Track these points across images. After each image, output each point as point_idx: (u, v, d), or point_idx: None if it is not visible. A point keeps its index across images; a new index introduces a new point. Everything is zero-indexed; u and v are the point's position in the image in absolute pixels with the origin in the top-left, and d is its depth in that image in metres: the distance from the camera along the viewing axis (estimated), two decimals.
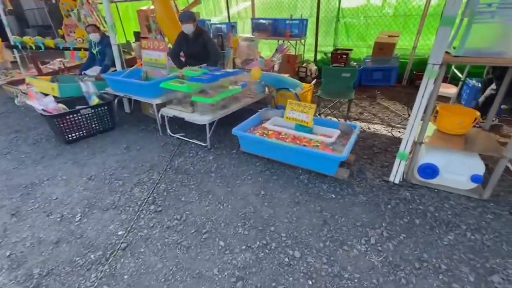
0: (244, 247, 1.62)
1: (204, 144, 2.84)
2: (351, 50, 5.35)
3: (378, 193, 2.08)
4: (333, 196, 2.06)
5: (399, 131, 3.21)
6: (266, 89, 3.54)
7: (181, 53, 3.83)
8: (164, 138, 3.07)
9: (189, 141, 2.95)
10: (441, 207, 1.93)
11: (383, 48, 4.79)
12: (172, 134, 3.07)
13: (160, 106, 3.03)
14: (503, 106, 3.35)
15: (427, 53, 5.04)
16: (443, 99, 4.16)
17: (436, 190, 2.11)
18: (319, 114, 3.69)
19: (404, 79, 5.07)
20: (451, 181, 2.06)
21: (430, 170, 2.05)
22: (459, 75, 4.21)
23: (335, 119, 3.52)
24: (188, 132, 3.14)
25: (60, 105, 2.99)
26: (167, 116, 2.96)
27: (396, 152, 2.60)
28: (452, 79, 4.43)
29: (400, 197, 2.04)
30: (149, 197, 2.08)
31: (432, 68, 1.75)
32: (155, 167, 2.50)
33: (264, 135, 2.59)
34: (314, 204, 1.98)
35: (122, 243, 1.65)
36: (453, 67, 4.51)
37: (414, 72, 4.83)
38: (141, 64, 3.49)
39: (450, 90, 3.79)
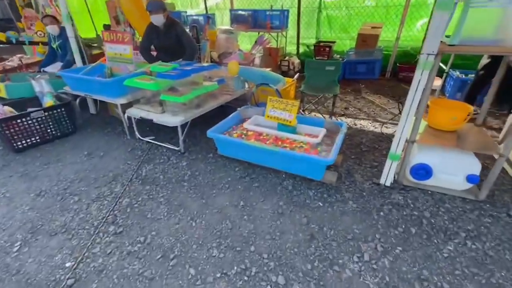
0: (219, 275, 1.37)
1: (177, 148, 2.54)
2: (334, 42, 5.16)
3: (369, 198, 1.89)
4: (321, 204, 1.85)
5: (386, 127, 3.05)
6: (246, 85, 3.28)
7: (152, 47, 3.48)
8: (132, 142, 2.74)
9: (161, 145, 2.64)
10: (437, 211, 1.77)
11: (366, 40, 4.62)
12: (141, 138, 2.74)
13: (126, 106, 2.70)
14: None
15: (409, 45, 4.95)
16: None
17: (429, 192, 1.95)
18: (303, 111, 3.47)
19: (388, 72, 4.95)
20: (445, 182, 1.90)
21: (423, 171, 1.88)
22: (443, 66, 4.14)
23: (320, 116, 3.32)
24: (160, 135, 2.82)
25: (6, 107, 2.58)
26: (134, 118, 2.63)
27: (385, 150, 2.43)
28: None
29: (392, 201, 1.86)
30: (108, 216, 1.77)
31: (426, 59, 1.55)
32: (119, 177, 2.18)
33: (243, 136, 2.34)
34: (300, 215, 1.75)
35: (68, 279, 1.35)
36: None
37: (398, 64, 4.71)
38: (106, 60, 3.11)
39: (435, 82, 3.68)
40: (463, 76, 3.71)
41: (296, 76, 3.60)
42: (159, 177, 2.17)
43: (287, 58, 5.25)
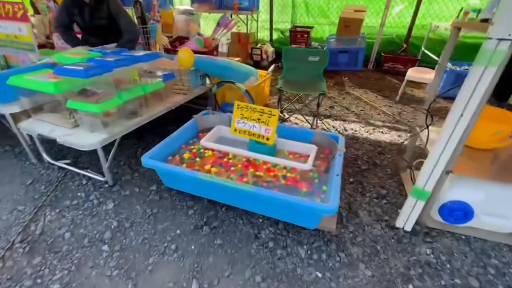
0: None
1: (102, 179, 1.72)
2: (312, 27, 4.50)
3: (386, 256, 1.28)
4: (319, 274, 1.20)
5: (381, 132, 2.49)
6: (208, 81, 2.50)
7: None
8: (36, 168, 1.86)
9: (80, 173, 1.80)
10: (485, 274, 1.21)
11: (349, 25, 4.02)
12: (51, 161, 1.87)
13: (25, 115, 1.80)
14: None
15: (394, 32, 4.45)
16: (415, 85, 3.61)
17: (463, 237, 1.39)
18: (281, 112, 2.79)
19: (371, 62, 4.43)
20: (486, 224, 1.35)
21: (460, 213, 1.31)
22: (434, 57, 3.68)
23: (301, 119, 2.67)
24: (82, 156, 1.97)
25: None
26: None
27: (389, 168, 1.85)
28: (424, 62, 3.91)
29: (420, 260, 1.27)
30: None
31: (495, 47, 0.93)
32: None
33: (198, 159, 1.59)
34: None
35: None
36: (423, 48, 3.99)
37: (382, 54, 4.20)
38: None
39: (427, 74, 3.20)
40: (458, 69, 3.27)
41: (271, 68, 2.88)
42: (63, 235, 1.36)
43: (259, 45, 4.49)
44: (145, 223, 1.44)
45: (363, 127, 2.60)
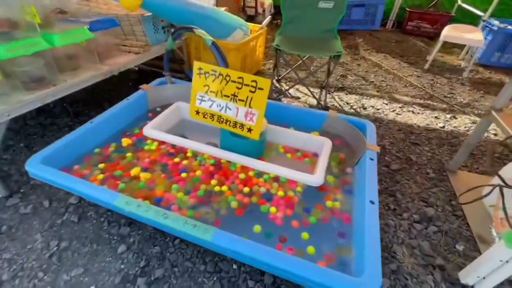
0: None
1: None
2: None
3: None
4: None
5: (411, 111, 1.84)
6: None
7: None
8: None
9: None
10: None
11: None
12: None
13: None
14: None
15: None
16: (446, 50, 2.86)
17: None
18: (277, 81, 2.10)
19: (390, 21, 3.61)
20: None
21: None
22: (475, 12, 2.87)
23: (305, 91, 1.99)
24: None
25: None
26: None
27: (428, 165, 1.26)
28: (457, 21, 3.11)
29: None
30: None
31: None
32: None
33: (128, 156, 0.97)
34: None
35: None
36: (459, 1, 3.16)
37: (407, 9, 3.36)
38: None
39: (469, 34, 2.44)
40: (508, 28, 2.52)
41: (266, 21, 2.11)
42: None
43: None
44: (39, 271, 0.86)
45: (386, 103, 1.94)
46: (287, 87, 2.05)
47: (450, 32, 2.42)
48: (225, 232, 0.66)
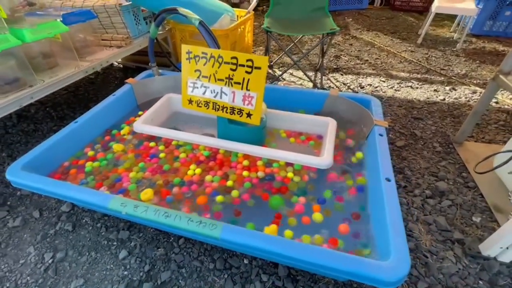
0: None
1: None
2: None
3: None
4: None
5: (410, 86, 1.79)
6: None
7: None
8: None
9: None
10: None
11: None
12: None
13: None
14: None
15: None
16: (436, 23, 2.80)
17: None
18: (269, 67, 2.02)
19: None
20: None
21: None
22: None
23: (300, 74, 1.91)
24: None
25: None
26: None
27: (434, 139, 1.23)
28: None
29: None
30: None
31: None
32: None
33: (128, 154, 0.90)
34: None
35: None
36: None
37: None
38: None
39: (461, 3, 2.38)
40: None
41: (252, 4, 2.01)
42: None
43: None
44: (35, 287, 0.79)
45: (383, 81, 1.88)
46: (280, 73, 1.97)
47: (442, 3, 2.36)
48: (234, 226, 0.60)
